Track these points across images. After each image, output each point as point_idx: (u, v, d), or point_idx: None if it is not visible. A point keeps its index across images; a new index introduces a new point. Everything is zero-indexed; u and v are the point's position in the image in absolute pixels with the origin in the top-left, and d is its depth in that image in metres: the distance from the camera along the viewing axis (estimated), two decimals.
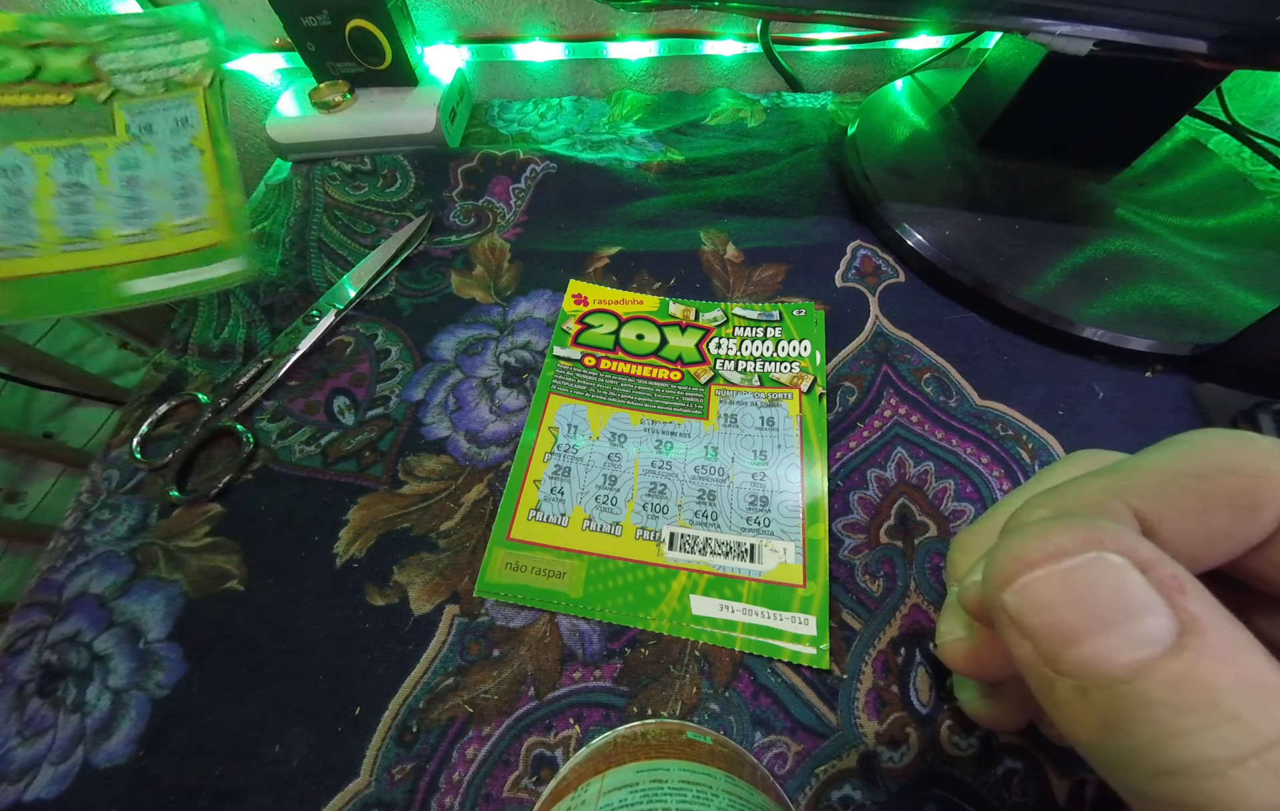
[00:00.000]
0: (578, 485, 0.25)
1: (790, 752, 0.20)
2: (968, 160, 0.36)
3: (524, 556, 0.23)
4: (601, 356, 0.29)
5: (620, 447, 0.26)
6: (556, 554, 0.23)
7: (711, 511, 0.24)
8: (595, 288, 0.32)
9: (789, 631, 0.21)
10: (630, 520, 0.24)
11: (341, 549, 0.24)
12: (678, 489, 0.25)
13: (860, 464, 0.26)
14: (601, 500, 0.25)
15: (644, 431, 0.27)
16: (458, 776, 0.20)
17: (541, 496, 0.25)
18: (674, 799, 0.14)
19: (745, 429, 0.27)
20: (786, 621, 0.22)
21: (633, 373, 0.29)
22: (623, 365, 0.29)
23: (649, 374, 0.29)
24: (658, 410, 0.28)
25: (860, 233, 0.35)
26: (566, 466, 0.26)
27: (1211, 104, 0.39)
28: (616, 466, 0.26)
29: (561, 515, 0.24)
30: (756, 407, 0.27)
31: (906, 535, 0.24)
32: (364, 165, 0.40)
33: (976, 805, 0.19)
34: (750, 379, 0.28)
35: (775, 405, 0.27)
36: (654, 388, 0.28)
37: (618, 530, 0.24)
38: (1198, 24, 0.24)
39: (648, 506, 0.25)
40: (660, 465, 0.26)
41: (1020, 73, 0.33)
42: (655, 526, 0.24)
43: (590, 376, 0.29)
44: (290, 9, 0.37)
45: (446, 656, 0.22)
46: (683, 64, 0.49)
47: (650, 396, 0.28)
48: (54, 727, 0.21)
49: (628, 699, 0.21)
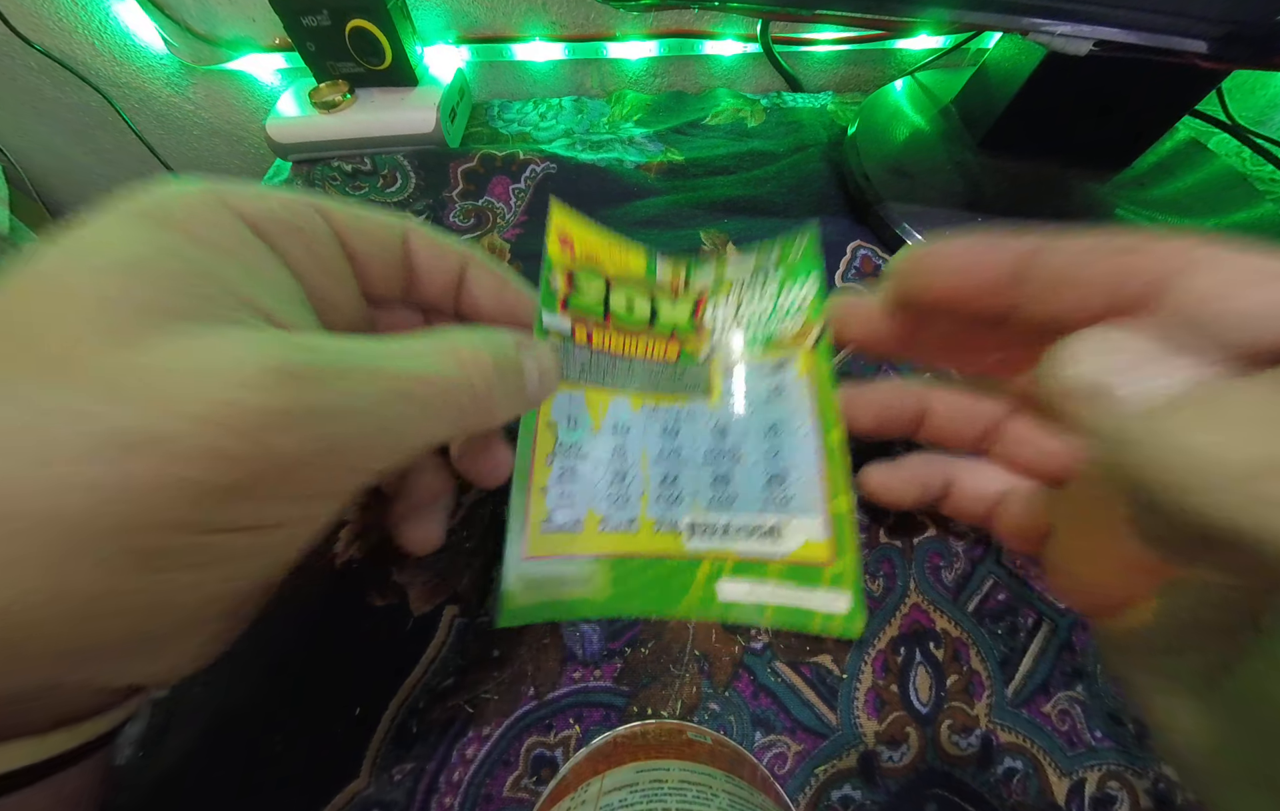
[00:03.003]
0: (587, 486, 0.23)
1: (790, 752, 0.20)
2: (968, 160, 0.36)
3: (545, 571, 0.22)
4: (593, 327, 0.25)
5: (624, 439, 0.24)
6: (577, 564, 0.22)
7: (728, 494, 0.23)
8: (579, 226, 0.27)
9: (820, 612, 0.20)
10: (646, 514, 0.23)
11: (341, 549, 0.24)
12: (691, 476, 0.23)
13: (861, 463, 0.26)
14: (614, 498, 0.23)
15: (646, 417, 0.25)
16: (457, 776, 0.20)
17: (550, 506, 0.23)
18: (674, 799, 0.14)
19: (753, 403, 0.24)
20: (817, 599, 0.20)
21: (628, 352, 0.25)
22: (615, 340, 0.26)
23: (645, 353, 0.26)
24: (659, 391, 0.25)
25: (860, 233, 0.35)
26: (572, 466, 0.23)
27: (1211, 104, 0.39)
28: (624, 460, 0.24)
29: (575, 521, 0.23)
30: (762, 377, 0.25)
31: (906, 535, 0.24)
32: (364, 165, 0.40)
33: (976, 805, 0.19)
34: (752, 346, 0.25)
35: (781, 370, 0.24)
36: (652, 369, 0.25)
37: (634, 527, 0.22)
38: (1198, 24, 0.24)
39: (662, 498, 0.23)
40: (669, 453, 0.24)
41: (1020, 73, 0.33)
42: (673, 517, 0.23)
43: (584, 355, 0.25)
44: (290, 9, 0.37)
45: (446, 656, 0.22)
46: (683, 64, 0.49)
47: (648, 377, 0.25)
48: None
49: (628, 699, 0.21)
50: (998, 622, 0.22)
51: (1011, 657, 0.22)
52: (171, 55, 0.48)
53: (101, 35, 0.47)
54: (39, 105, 0.53)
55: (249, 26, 0.46)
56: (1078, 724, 0.21)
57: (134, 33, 0.47)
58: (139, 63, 0.49)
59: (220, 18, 0.46)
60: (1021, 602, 0.23)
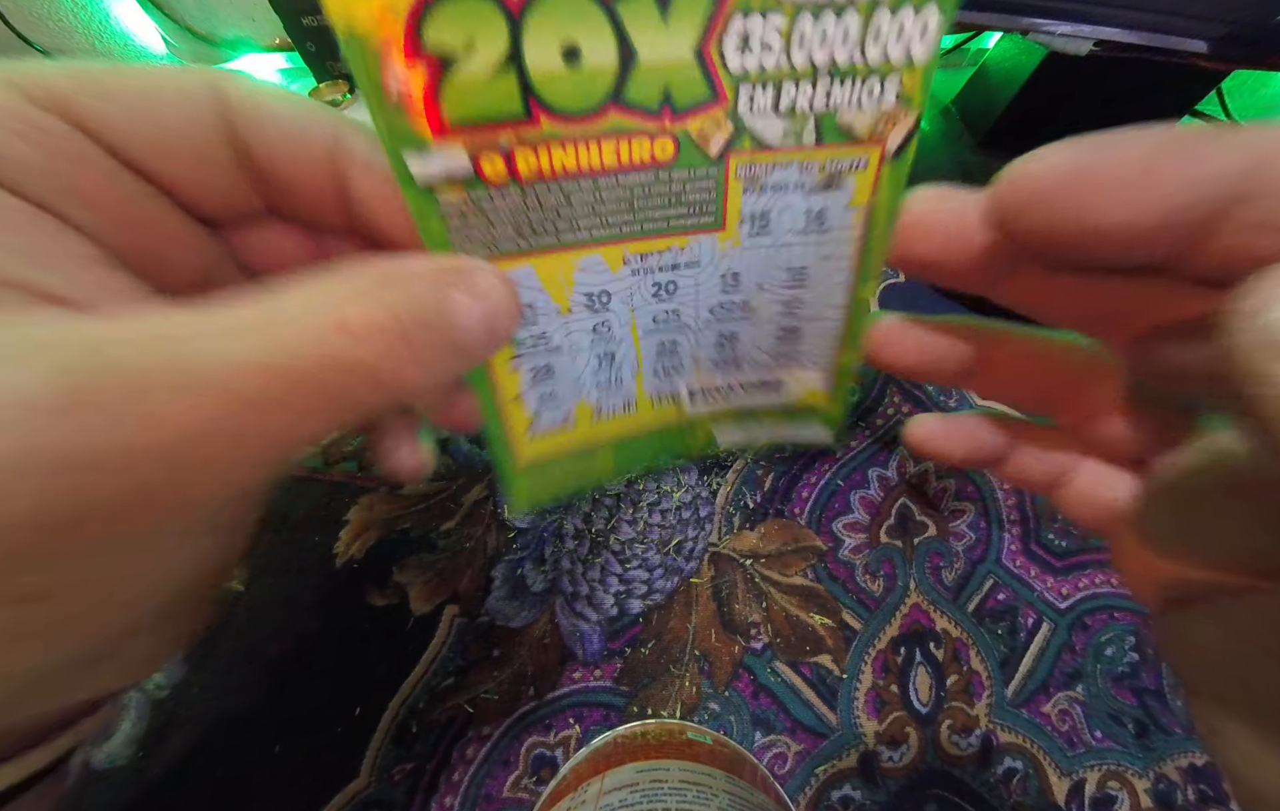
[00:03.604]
0: (569, 378, 0.18)
1: (790, 752, 0.20)
2: (968, 160, 0.36)
3: (545, 474, 0.19)
4: (511, 143, 0.13)
5: (605, 313, 0.17)
6: (576, 457, 0.20)
7: (733, 355, 0.19)
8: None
9: (806, 435, 0.20)
10: (643, 392, 0.20)
11: (341, 549, 0.24)
12: (691, 340, 0.19)
13: (862, 463, 0.26)
14: (603, 383, 0.19)
15: (631, 275, 0.17)
16: (458, 776, 0.20)
17: (531, 411, 0.18)
18: (674, 799, 0.14)
19: (780, 236, 0.16)
20: (806, 432, 0.20)
21: (583, 167, 0.14)
22: (559, 153, 0.14)
23: (614, 161, 0.14)
24: (645, 231, 0.16)
25: None
26: (545, 364, 0.18)
27: (1211, 104, 0.39)
28: (609, 338, 0.18)
29: (565, 417, 0.19)
30: (803, 193, 0.15)
31: (906, 535, 0.24)
32: None
33: (976, 805, 0.19)
34: (801, 130, 0.15)
35: (836, 185, 0.15)
36: (629, 187, 0.15)
37: (631, 408, 0.20)
38: (1198, 24, 0.24)
39: (659, 370, 0.19)
40: (665, 317, 0.18)
41: (1020, 73, 0.33)
42: (672, 388, 0.20)
43: (509, 202, 0.14)
44: (290, 9, 0.37)
45: (446, 656, 0.22)
46: None
47: (627, 209, 0.15)
48: None
49: (628, 699, 0.21)
50: (998, 622, 0.22)
51: (1011, 657, 0.22)
52: (171, 55, 0.48)
53: (101, 35, 0.47)
54: None
55: (249, 26, 0.46)
56: (1078, 724, 0.21)
57: (134, 33, 0.47)
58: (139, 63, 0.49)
59: (220, 18, 0.46)
60: (1021, 602, 0.23)
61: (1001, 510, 0.25)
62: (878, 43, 0.13)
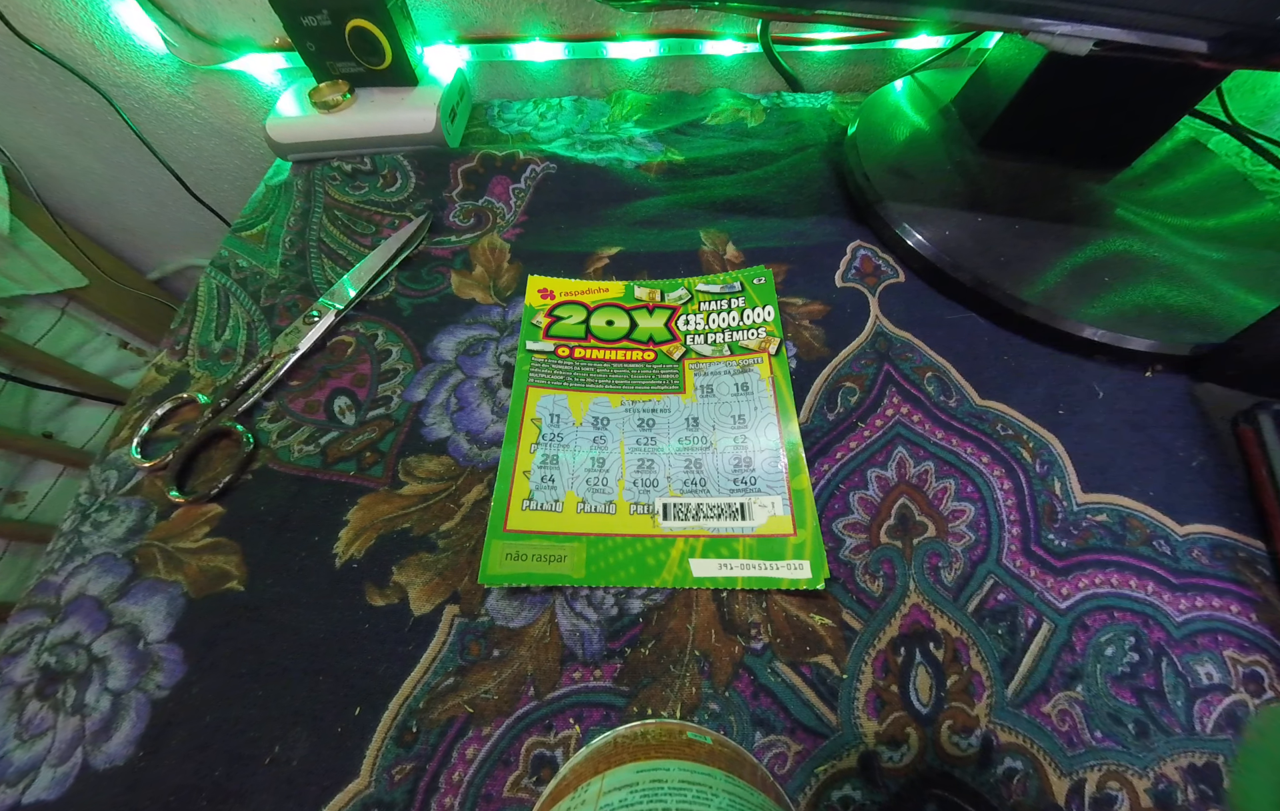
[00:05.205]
0: (567, 471, 0.26)
1: (790, 752, 0.20)
2: (968, 160, 0.36)
3: (523, 545, 0.24)
4: (575, 345, 0.30)
5: (604, 431, 0.27)
6: (555, 539, 0.24)
7: (700, 478, 0.26)
8: (558, 281, 0.33)
9: (786, 578, 0.23)
10: (623, 497, 0.25)
11: (341, 549, 0.24)
12: (665, 461, 0.26)
13: (861, 463, 0.26)
14: (593, 482, 0.25)
15: (625, 412, 0.28)
16: (458, 776, 0.20)
17: (533, 486, 0.25)
18: (674, 799, 0.14)
19: (722, 397, 0.28)
20: (783, 569, 0.23)
21: (607, 358, 0.30)
22: (596, 352, 0.30)
23: (623, 357, 0.30)
24: (636, 390, 0.29)
25: (860, 233, 0.35)
26: (554, 455, 0.26)
27: (1211, 104, 0.39)
28: (603, 448, 0.27)
29: (555, 501, 0.25)
30: (730, 375, 0.29)
31: (906, 535, 0.24)
32: (364, 165, 0.40)
33: (976, 805, 0.19)
34: (721, 349, 0.30)
35: (747, 370, 0.29)
36: (629, 370, 0.29)
37: (612, 508, 0.25)
38: (1198, 24, 0.24)
39: (638, 482, 0.25)
40: (645, 442, 0.27)
41: (1020, 73, 0.33)
42: (648, 500, 0.25)
43: (566, 366, 0.29)
44: (290, 9, 0.37)
45: (446, 656, 0.22)
46: (683, 64, 0.49)
47: (626, 378, 0.29)
48: (53, 730, 0.21)
49: (628, 699, 0.21)
50: (998, 622, 0.22)
51: (1011, 657, 0.22)
52: (171, 55, 0.48)
53: (101, 35, 0.47)
54: (39, 105, 0.53)
55: (249, 26, 0.46)
56: (1078, 724, 0.21)
57: (134, 32, 0.47)
58: (139, 62, 0.49)
59: (220, 17, 0.46)
60: (1021, 602, 0.23)
61: (1001, 510, 0.25)
62: (750, 317, 0.31)
